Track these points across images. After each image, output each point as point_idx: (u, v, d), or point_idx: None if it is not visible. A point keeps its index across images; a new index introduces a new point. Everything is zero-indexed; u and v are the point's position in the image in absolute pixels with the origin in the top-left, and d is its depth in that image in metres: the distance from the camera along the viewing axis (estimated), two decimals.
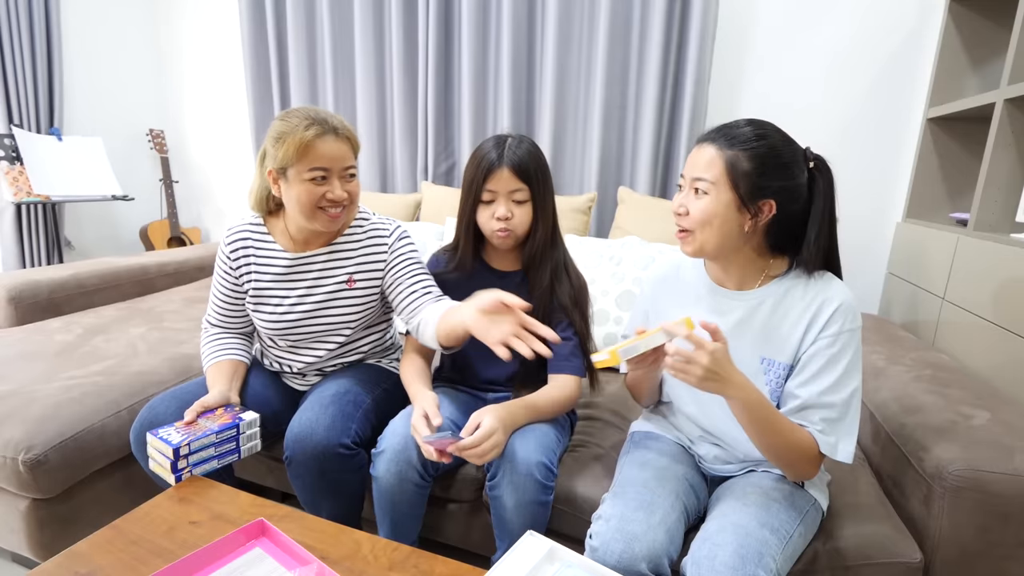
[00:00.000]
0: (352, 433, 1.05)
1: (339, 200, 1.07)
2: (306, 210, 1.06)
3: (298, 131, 1.01)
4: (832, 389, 0.83)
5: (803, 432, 0.83)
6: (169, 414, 1.05)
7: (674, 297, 1.01)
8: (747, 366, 0.89)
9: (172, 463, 0.92)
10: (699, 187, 0.85)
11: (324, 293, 1.16)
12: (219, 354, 1.18)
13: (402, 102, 2.23)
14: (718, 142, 0.84)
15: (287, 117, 1.05)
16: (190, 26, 2.68)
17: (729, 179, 0.83)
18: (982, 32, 1.62)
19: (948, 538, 0.89)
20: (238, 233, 1.17)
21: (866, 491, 1.03)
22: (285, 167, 1.04)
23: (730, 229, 0.85)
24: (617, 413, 1.34)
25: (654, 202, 1.90)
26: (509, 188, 1.06)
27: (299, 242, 1.16)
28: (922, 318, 1.54)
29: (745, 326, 0.91)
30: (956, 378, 1.17)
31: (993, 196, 1.35)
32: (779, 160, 0.83)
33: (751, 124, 0.85)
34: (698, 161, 0.86)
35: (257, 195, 1.16)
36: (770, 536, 0.78)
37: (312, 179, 1.04)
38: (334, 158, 1.05)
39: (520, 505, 0.97)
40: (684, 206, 0.87)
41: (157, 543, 0.79)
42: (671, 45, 1.89)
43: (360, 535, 0.82)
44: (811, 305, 0.86)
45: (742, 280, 0.92)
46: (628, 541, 0.80)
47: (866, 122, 1.85)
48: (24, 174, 2.20)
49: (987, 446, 0.90)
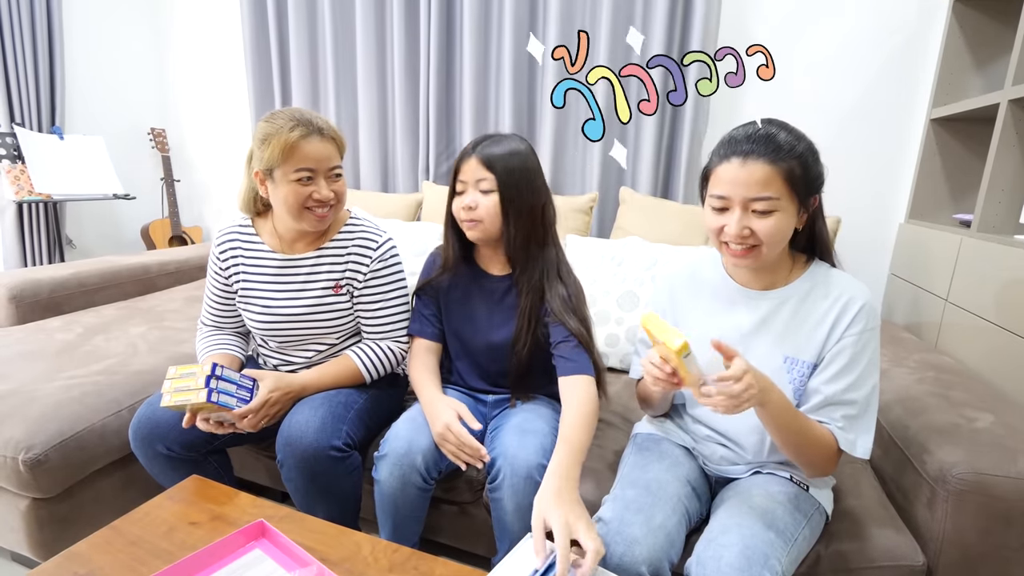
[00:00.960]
0: (343, 435, 1.04)
1: (326, 200, 1.08)
2: (293, 210, 1.07)
3: (283, 132, 1.02)
4: (854, 386, 0.83)
5: (823, 430, 0.83)
6: (168, 412, 1.05)
7: (694, 296, 1.00)
8: (770, 365, 0.88)
9: (208, 378, 0.95)
10: (759, 207, 0.81)
11: (311, 297, 1.16)
12: (212, 349, 1.19)
13: (403, 101, 2.22)
14: (765, 156, 0.80)
15: (272, 119, 1.06)
16: (192, 25, 2.67)
17: (791, 191, 0.81)
18: (986, 32, 1.62)
19: (951, 541, 0.88)
20: (227, 235, 1.19)
21: (869, 494, 1.03)
22: (271, 168, 1.05)
23: (789, 234, 0.85)
24: (619, 414, 1.33)
25: (656, 202, 1.89)
26: (476, 177, 1.05)
27: (287, 242, 1.17)
28: (925, 319, 1.54)
29: (768, 325, 0.90)
30: (959, 380, 1.16)
31: (997, 197, 1.35)
32: (815, 154, 0.84)
33: (775, 127, 0.83)
34: (751, 180, 0.80)
35: (244, 196, 1.17)
36: (775, 538, 0.78)
37: (298, 179, 1.05)
38: (320, 159, 1.06)
39: (520, 508, 0.96)
40: (748, 228, 0.82)
41: (156, 544, 0.79)
42: (673, 45, 1.88)
43: (360, 536, 0.82)
44: (835, 304, 0.85)
45: (770, 280, 0.91)
46: (628, 544, 0.80)
47: (869, 122, 1.84)
48: (25, 173, 2.20)
49: (991, 449, 0.90)
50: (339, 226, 1.19)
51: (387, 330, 1.19)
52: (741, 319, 0.92)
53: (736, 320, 0.92)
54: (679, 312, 1.01)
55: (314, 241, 1.17)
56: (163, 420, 1.05)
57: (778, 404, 0.79)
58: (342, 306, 1.18)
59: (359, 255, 1.16)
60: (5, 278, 1.67)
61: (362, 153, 2.34)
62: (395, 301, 1.19)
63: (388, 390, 1.24)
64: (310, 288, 1.16)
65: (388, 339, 1.20)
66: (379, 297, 1.18)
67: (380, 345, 1.18)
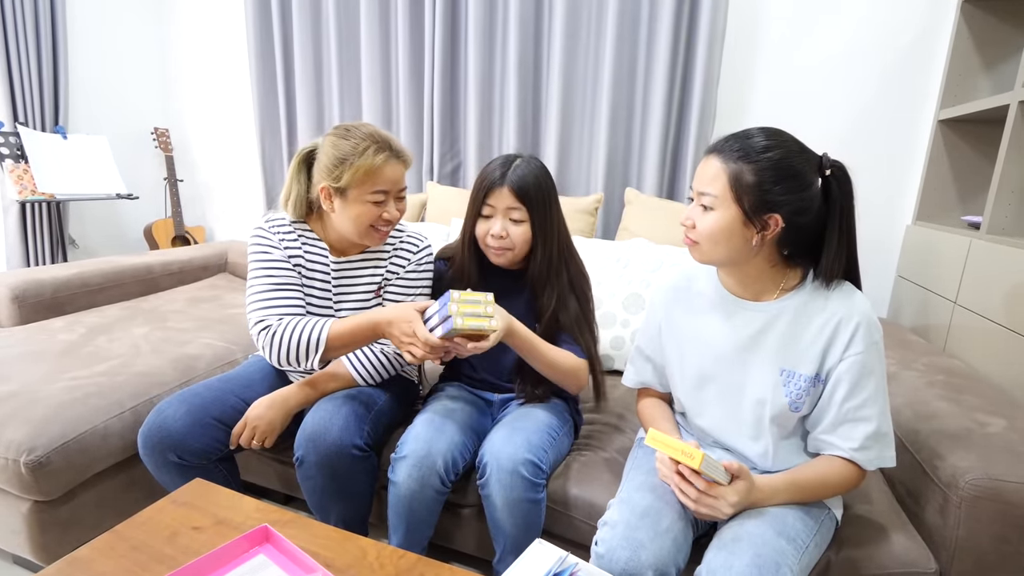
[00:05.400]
0: (364, 434, 1.04)
1: (393, 220, 1.09)
2: (361, 229, 1.07)
3: (368, 155, 1.01)
4: (868, 402, 0.83)
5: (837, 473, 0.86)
6: (179, 419, 1.04)
7: (688, 308, 0.99)
8: (766, 377, 0.89)
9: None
10: (705, 202, 0.84)
11: (356, 300, 1.17)
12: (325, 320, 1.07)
13: (408, 102, 2.22)
14: (724, 154, 0.82)
15: (348, 136, 1.03)
16: (195, 25, 2.67)
17: (733, 194, 0.81)
18: (995, 33, 1.60)
19: (965, 548, 0.87)
20: (283, 226, 1.14)
21: (879, 499, 1.02)
22: (346, 188, 1.03)
23: (737, 244, 0.83)
24: (623, 417, 1.32)
25: (661, 203, 1.88)
26: (506, 205, 1.07)
27: (338, 250, 1.17)
28: (933, 322, 1.52)
29: (764, 337, 0.89)
30: (970, 384, 1.15)
31: (1007, 199, 1.33)
32: (785, 172, 0.80)
33: (761, 134, 0.82)
34: (703, 175, 0.84)
35: (295, 202, 1.12)
36: (787, 545, 0.77)
37: (374, 202, 1.05)
38: (396, 180, 1.07)
39: (509, 503, 0.96)
40: (691, 219, 0.86)
41: (159, 549, 0.78)
42: (679, 45, 1.87)
43: (366, 542, 0.81)
44: (832, 318, 0.85)
45: (758, 291, 0.90)
46: (634, 549, 0.79)
47: (876, 123, 1.83)
48: (29, 172, 2.20)
49: (1004, 454, 0.88)
50: None
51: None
52: (736, 331, 0.91)
53: (731, 332, 0.92)
54: (674, 323, 1.00)
55: (362, 247, 1.18)
56: (174, 429, 1.03)
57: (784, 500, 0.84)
58: None
59: (400, 258, 1.18)
60: (8, 278, 1.66)
61: None
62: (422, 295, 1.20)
63: (401, 395, 1.23)
64: (355, 292, 1.18)
65: None
66: (401, 296, 1.18)
67: (385, 352, 1.17)
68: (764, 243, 0.84)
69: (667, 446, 0.79)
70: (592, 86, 2.03)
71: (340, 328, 1.04)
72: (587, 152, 2.10)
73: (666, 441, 0.79)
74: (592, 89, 2.03)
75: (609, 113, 1.96)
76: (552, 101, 2.04)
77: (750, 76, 1.93)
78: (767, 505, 0.83)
